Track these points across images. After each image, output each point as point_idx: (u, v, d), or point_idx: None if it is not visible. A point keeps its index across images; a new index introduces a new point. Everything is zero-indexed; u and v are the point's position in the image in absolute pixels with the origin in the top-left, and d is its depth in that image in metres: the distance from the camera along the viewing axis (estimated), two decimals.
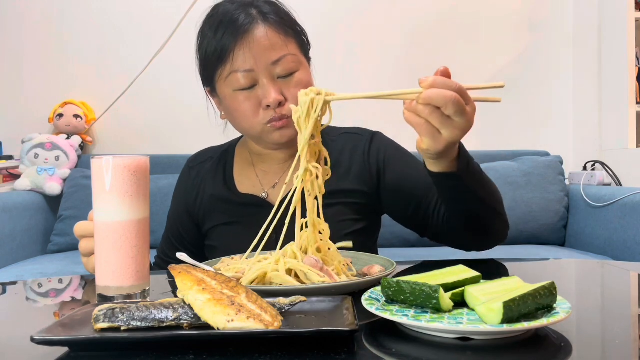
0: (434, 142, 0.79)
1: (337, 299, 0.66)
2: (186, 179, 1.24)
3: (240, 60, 1.04)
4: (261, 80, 1.04)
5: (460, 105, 0.75)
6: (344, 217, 1.10)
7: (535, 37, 3.05)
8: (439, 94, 0.74)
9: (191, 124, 2.76)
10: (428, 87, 0.75)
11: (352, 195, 1.12)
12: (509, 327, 0.54)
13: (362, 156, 1.15)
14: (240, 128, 1.12)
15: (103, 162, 0.72)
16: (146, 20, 2.91)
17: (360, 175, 1.14)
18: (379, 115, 2.93)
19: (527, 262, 1.04)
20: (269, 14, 1.07)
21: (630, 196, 2.23)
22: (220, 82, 1.08)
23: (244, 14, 1.05)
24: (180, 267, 0.65)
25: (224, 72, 1.06)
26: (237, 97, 1.06)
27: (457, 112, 0.75)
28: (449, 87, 0.75)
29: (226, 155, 1.24)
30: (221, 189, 1.17)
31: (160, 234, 1.24)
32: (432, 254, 1.05)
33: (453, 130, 0.77)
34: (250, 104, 1.05)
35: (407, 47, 3.00)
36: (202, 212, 1.18)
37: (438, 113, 0.76)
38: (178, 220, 1.22)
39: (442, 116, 0.76)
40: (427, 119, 0.77)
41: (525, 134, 3.00)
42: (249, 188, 1.16)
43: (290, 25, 1.09)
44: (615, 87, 2.76)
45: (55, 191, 2.64)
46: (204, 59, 1.09)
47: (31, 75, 2.91)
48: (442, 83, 0.75)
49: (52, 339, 0.54)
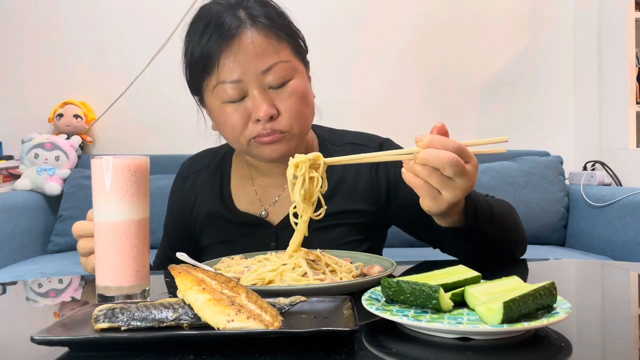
0: (435, 203, 0.76)
1: (337, 299, 0.66)
2: (180, 189, 1.17)
3: (226, 69, 0.94)
4: (251, 91, 0.95)
5: (459, 166, 0.72)
6: (348, 238, 1.05)
7: (535, 37, 3.05)
8: (436, 156, 0.71)
9: (191, 124, 2.74)
10: (425, 147, 0.72)
11: (358, 216, 1.06)
12: (509, 327, 0.54)
13: (369, 173, 1.07)
14: (229, 141, 1.05)
15: (103, 162, 0.72)
16: (146, 20, 2.91)
17: (367, 194, 1.06)
18: (383, 118, 2.94)
19: (527, 262, 1.04)
20: (259, 16, 0.97)
21: (630, 196, 2.23)
22: (208, 93, 1.00)
23: (231, 16, 0.95)
24: (180, 267, 0.65)
25: (210, 82, 0.97)
26: (225, 109, 0.97)
27: (457, 172, 0.72)
28: (447, 147, 0.72)
29: (222, 165, 1.16)
30: (218, 205, 1.11)
31: (161, 234, 1.22)
32: (432, 254, 1.05)
33: (454, 190, 0.74)
34: (239, 117, 0.96)
35: (407, 47, 3.00)
36: (198, 227, 1.13)
37: (437, 174, 0.73)
38: (173, 230, 1.18)
39: (442, 177, 0.73)
40: (426, 179, 0.74)
41: (525, 134, 3.00)
42: (248, 206, 1.10)
43: (282, 27, 0.99)
44: (615, 87, 2.76)
45: (55, 191, 2.64)
46: (190, 68, 1.00)
47: (31, 75, 2.91)
48: (439, 142, 0.72)
49: (52, 339, 0.54)
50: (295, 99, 0.97)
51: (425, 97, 3.00)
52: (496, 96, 3.03)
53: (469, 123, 3.01)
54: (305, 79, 1.02)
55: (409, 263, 1.00)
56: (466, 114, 3.02)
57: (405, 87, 3.01)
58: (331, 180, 1.06)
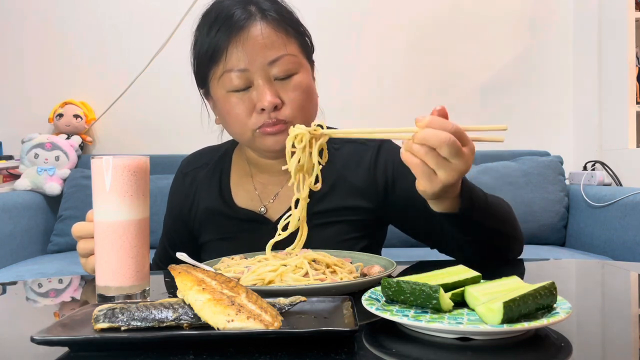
0: (429, 183, 0.77)
1: (337, 299, 0.66)
2: (180, 186, 1.18)
3: (233, 58, 0.97)
4: (256, 81, 0.98)
5: (455, 147, 0.73)
6: (347, 235, 1.05)
7: (535, 37, 3.05)
8: (434, 135, 0.73)
9: (191, 124, 2.74)
10: (424, 127, 0.74)
11: (356, 213, 1.07)
12: (509, 327, 0.54)
13: (367, 171, 1.08)
14: (233, 133, 1.06)
15: (103, 162, 0.72)
16: (146, 20, 2.91)
17: (365, 191, 1.07)
18: (383, 118, 2.94)
19: (527, 262, 1.04)
20: (269, 10, 1.00)
21: (630, 196, 2.23)
22: (214, 83, 1.02)
23: (241, 10, 0.99)
24: (180, 267, 0.65)
25: (217, 71, 1.00)
26: (230, 98, 1.00)
27: (453, 153, 0.74)
28: (445, 128, 0.74)
29: (222, 162, 1.17)
30: (216, 201, 1.11)
31: (160, 234, 1.22)
32: (432, 254, 1.05)
33: (449, 172, 0.75)
34: (244, 107, 0.99)
35: (407, 48, 3.00)
36: (197, 224, 1.13)
37: (433, 154, 0.74)
38: (172, 228, 1.18)
39: (438, 157, 0.74)
40: (422, 159, 0.75)
41: (525, 134, 3.00)
42: (247, 202, 1.10)
43: (291, 24, 1.02)
44: (615, 87, 2.76)
45: (55, 191, 2.64)
46: (197, 58, 1.03)
47: (31, 75, 2.91)
48: (438, 123, 0.74)
49: (52, 339, 0.54)
50: (299, 92, 1.00)
51: (425, 97, 3.00)
52: (496, 96, 3.03)
53: (469, 123, 2.97)
54: (310, 76, 1.04)
55: (408, 263, 1.00)
56: (466, 114, 3.02)
57: (405, 87, 3.00)
58: (330, 177, 1.06)
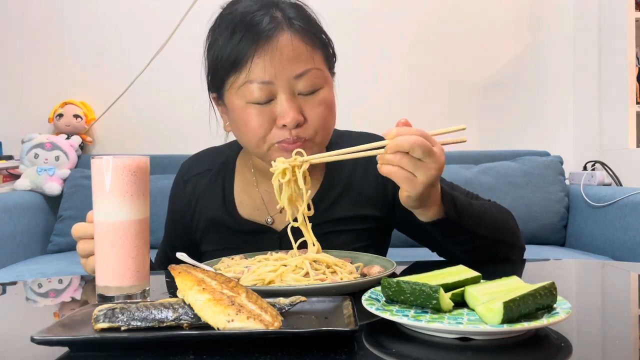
0: (412, 186, 0.80)
1: (337, 299, 0.66)
2: (180, 193, 1.13)
3: (258, 69, 0.91)
4: (279, 95, 0.92)
5: (426, 147, 0.78)
6: (355, 245, 1.03)
7: (535, 37, 3.05)
8: (404, 140, 0.78)
9: (191, 124, 2.76)
10: (394, 137, 0.79)
11: (364, 222, 1.06)
12: (509, 327, 0.54)
13: (376, 178, 1.06)
14: (246, 143, 1.00)
15: (103, 162, 0.72)
16: (146, 20, 2.91)
17: (374, 199, 1.06)
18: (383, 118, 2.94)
19: (527, 262, 1.04)
20: (295, 18, 0.94)
21: (630, 196, 2.23)
22: (231, 91, 0.95)
23: (268, 17, 0.92)
24: (180, 267, 0.65)
25: (238, 80, 0.93)
26: (248, 110, 0.94)
27: (425, 153, 0.78)
28: (413, 134, 0.79)
29: (225, 168, 1.12)
30: (220, 211, 1.07)
31: (160, 234, 1.21)
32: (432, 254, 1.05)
33: (426, 170, 0.79)
34: (263, 120, 0.93)
35: (407, 48, 3.00)
36: (199, 234, 1.10)
37: (408, 157, 0.79)
38: (173, 233, 1.16)
39: (412, 159, 0.79)
40: (399, 165, 0.80)
41: (525, 134, 3.00)
42: (252, 212, 1.07)
43: (317, 33, 0.97)
44: (615, 87, 2.76)
45: (55, 191, 2.64)
46: (214, 63, 0.96)
47: (31, 75, 2.91)
48: (405, 131, 0.79)
49: (52, 339, 0.54)
50: (323, 109, 0.96)
51: (425, 97, 3.00)
52: (496, 96, 3.03)
53: (469, 123, 2.99)
54: (333, 91, 1.00)
55: (408, 263, 1.00)
56: (466, 114, 3.02)
57: (405, 87, 3.00)
58: (338, 184, 1.07)
